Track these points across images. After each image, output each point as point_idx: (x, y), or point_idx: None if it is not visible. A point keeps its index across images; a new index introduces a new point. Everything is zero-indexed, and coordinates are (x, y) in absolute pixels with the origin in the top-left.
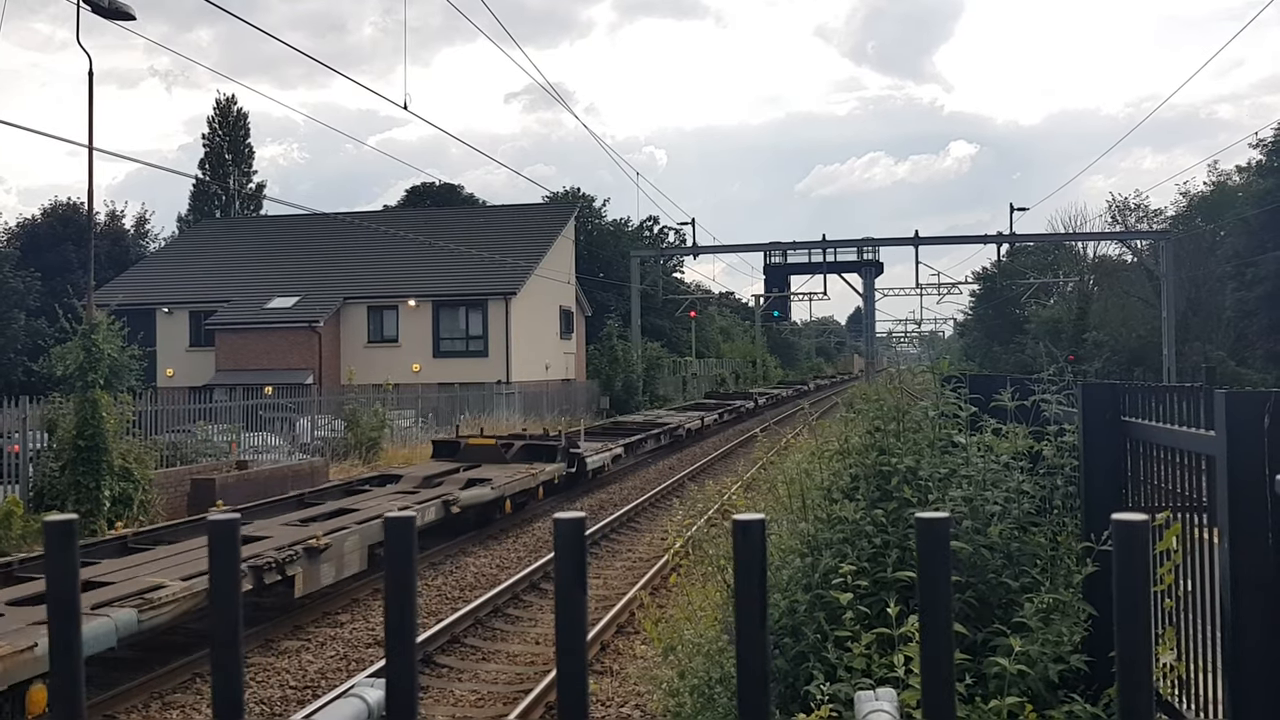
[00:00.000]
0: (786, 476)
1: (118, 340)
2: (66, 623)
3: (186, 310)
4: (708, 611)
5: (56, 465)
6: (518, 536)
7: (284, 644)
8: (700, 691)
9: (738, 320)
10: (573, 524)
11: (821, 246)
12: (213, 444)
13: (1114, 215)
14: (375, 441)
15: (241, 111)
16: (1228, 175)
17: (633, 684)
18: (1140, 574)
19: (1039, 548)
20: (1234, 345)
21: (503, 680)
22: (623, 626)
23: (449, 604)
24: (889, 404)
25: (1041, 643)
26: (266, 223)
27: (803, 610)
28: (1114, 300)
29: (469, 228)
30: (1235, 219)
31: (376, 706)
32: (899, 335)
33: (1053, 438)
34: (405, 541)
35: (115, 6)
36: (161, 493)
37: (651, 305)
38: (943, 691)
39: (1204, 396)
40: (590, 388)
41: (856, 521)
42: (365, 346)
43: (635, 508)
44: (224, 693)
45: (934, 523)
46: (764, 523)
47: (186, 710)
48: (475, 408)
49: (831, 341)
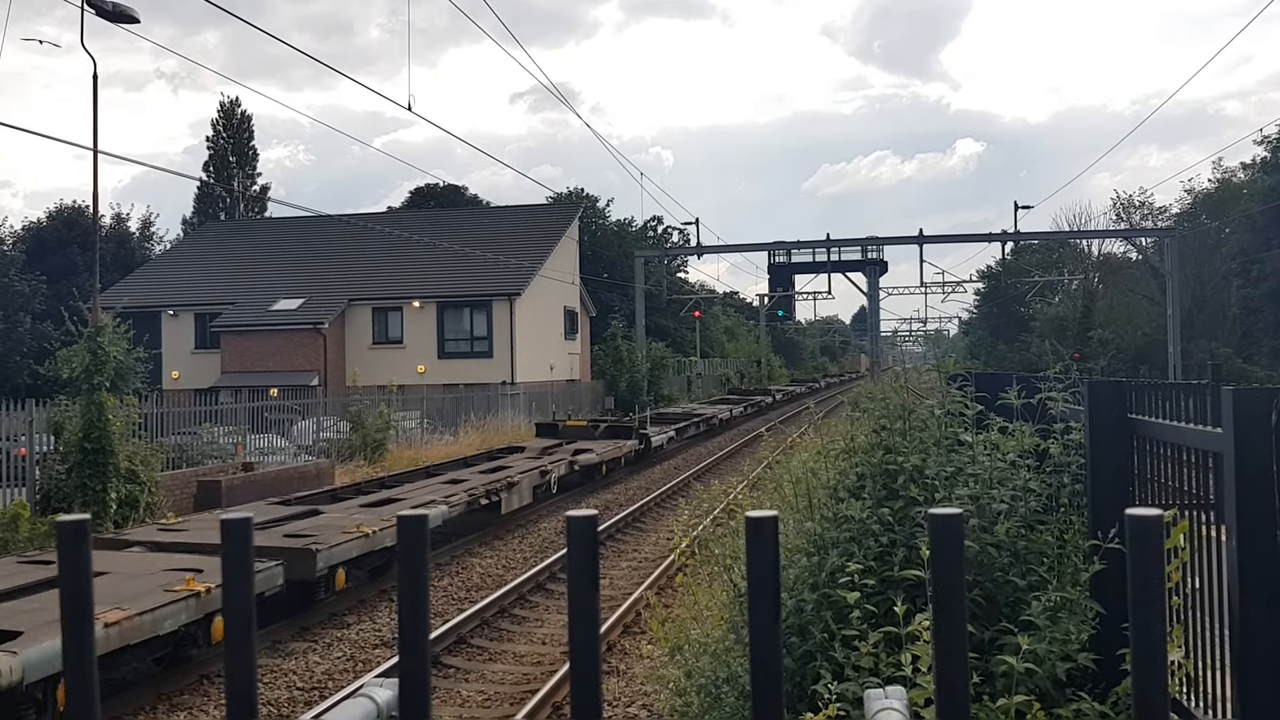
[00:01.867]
0: (793, 476)
1: (123, 343)
2: (80, 621)
3: (191, 312)
4: (714, 611)
5: (63, 468)
6: (523, 537)
7: (291, 645)
8: (707, 691)
9: (742, 320)
10: (584, 522)
11: (826, 245)
12: (218, 446)
13: (1118, 213)
14: (381, 443)
15: (245, 114)
16: (1232, 172)
17: (639, 683)
18: (1155, 569)
19: (1046, 546)
20: (1240, 342)
21: (509, 681)
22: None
23: (455, 605)
24: (895, 402)
25: (1049, 641)
26: (271, 225)
27: (809, 609)
28: (1119, 298)
29: (473, 229)
30: (1240, 216)
31: (385, 707)
32: (904, 334)
33: (1059, 436)
34: (419, 540)
35: (119, 9)
36: (168, 495)
37: (656, 305)
38: (956, 689)
39: (1211, 393)
40: (595, 388)
41: (863, 520)
42: (370, 348)
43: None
44: (237, 692)
45: (947, 519)
46: (776, 519)
47: (194, 711)
48: (480, 409)
49: (836, 341)
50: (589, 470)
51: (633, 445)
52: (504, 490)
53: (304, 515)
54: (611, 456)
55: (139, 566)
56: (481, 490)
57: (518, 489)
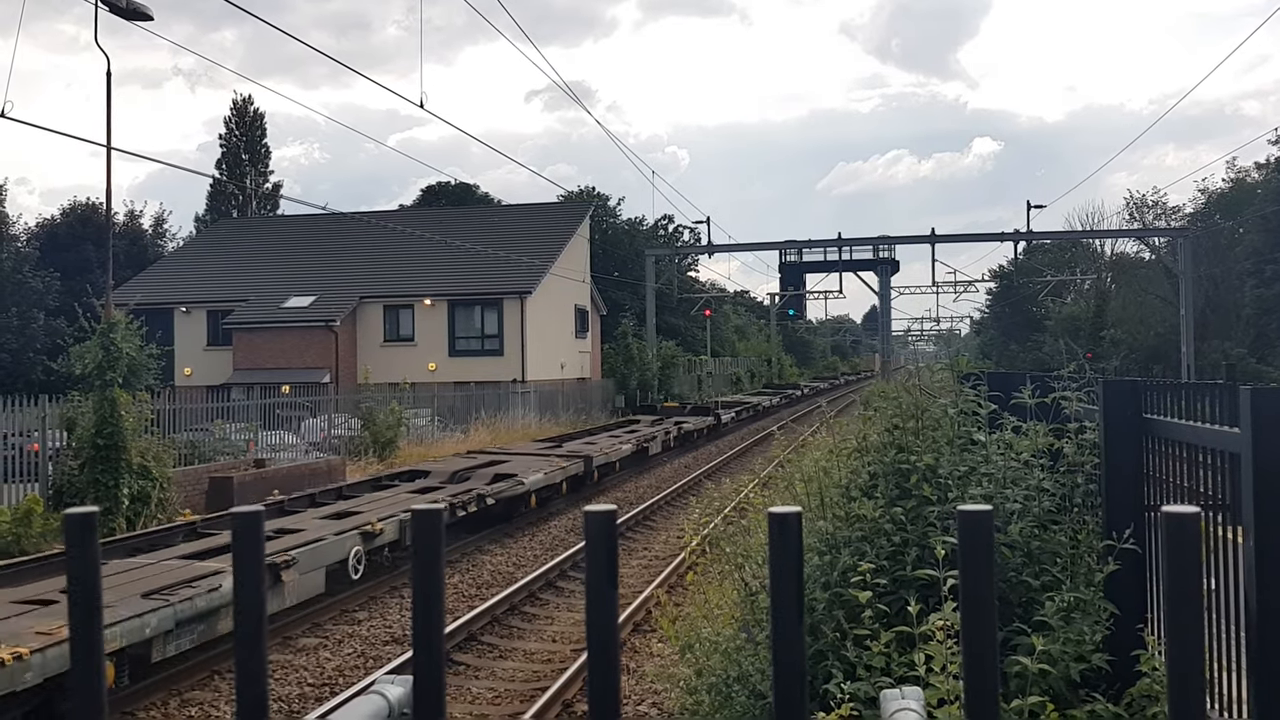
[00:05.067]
0: (804, 474)
1: (136, 339)
2: (87, 616)
3: (204, 309)
4: (725, 609)
5: (75, 464)
6: (534, 535)
7: (301, 641)
8: (718, 690)
9: (753, 319)
10: (603, 517)
11: (837, 245)
12: (230, 442)
13: (1132, 212)
14: (391, 440)
15: (258, 111)
16: (1247, 171)
17: (649, 682)
18: (1192, 569)
19: (1059, 546)
20: (1253, 342)
21: (520, 678)
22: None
23: (465, 602)
24: (907, 401)
25: (1063, 641)
26: (283, 222)
27: (821, 608)
28: (1132, 298)
29: (484, 227)
30: (1254, 215)
31: (397, 704)
32: (915, 333)
33: (1073, 435)
34: (433, 535)
35: (133, 7)
36: (180, 491)
37: (666, 304)
38: (985, 687)
39: (1228, 393)
40: (605, 386)
41: (875, 519)
42: (381, 345)
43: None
44: (248, 690)
45: (977, 515)
46: (800, 515)
47: (205, 707)
48: (491, 406)
49: (847, 340)
50: (686, 435)
51: (710, 421)
52: (648, 442)
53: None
54: (699, 427)
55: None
56: (649, 436)
57: (655, 441)
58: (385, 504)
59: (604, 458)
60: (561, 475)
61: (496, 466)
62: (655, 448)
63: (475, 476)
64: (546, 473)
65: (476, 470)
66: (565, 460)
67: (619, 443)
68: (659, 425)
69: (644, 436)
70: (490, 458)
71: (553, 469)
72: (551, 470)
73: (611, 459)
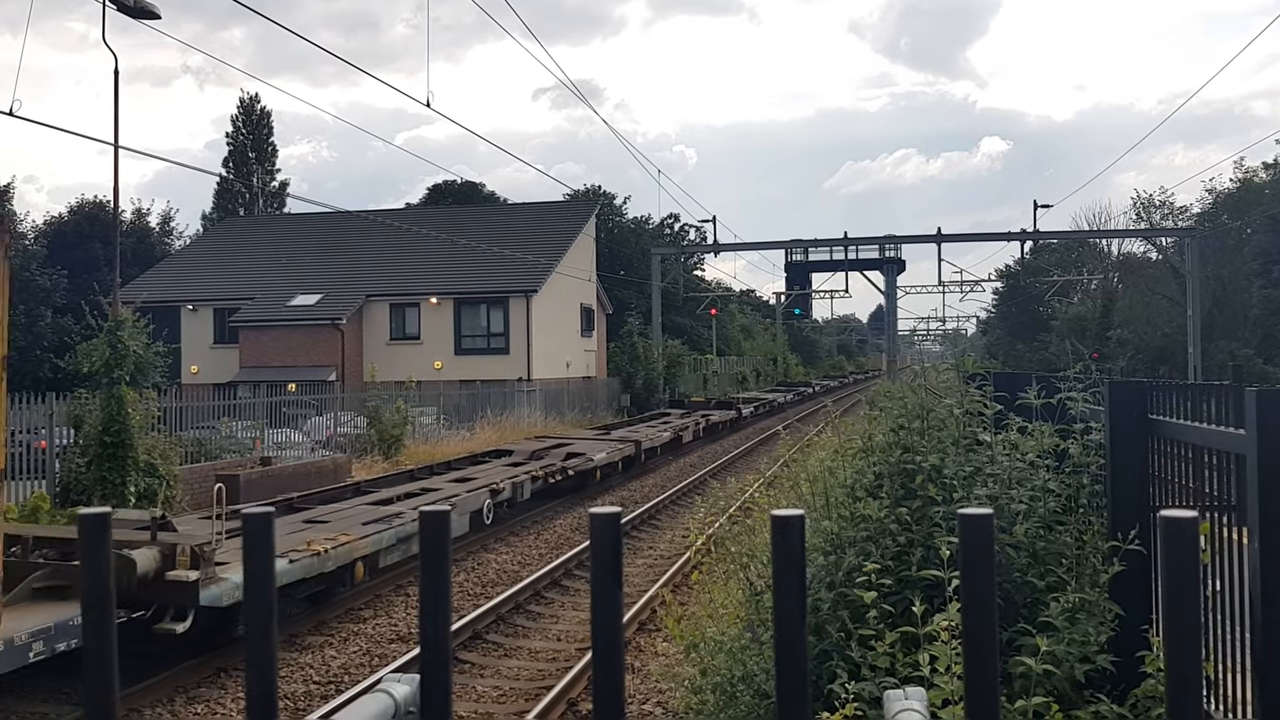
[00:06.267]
0: (809, 474)
1: (143, 337)
2: (101, 613)
3: (211, 307)
4: (729, 609)
5: (82, 461)
6: (539, 534)
7: (307, 639)
8: (722, 689)
9: (759, 318)
10: (607, 519)
11: (843, 244)
12: (237, 440)
13: (1139, 212)
14: (397, 439)
15: (265, 110)
16: (1254, 171)
17: (654, 681)
18: (1190, 573)
19: (1065, 547)
20: (1261, 343)
21: (524, 677)
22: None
23: (471, 600)
24: (913, 401)
25: (1067, 642)
26: (289, 220)
27: (826, 608)
28: (1138, 298)
29: (490, 225)
30: (1262, 216)
31: (404, 702)
32: (921, 333)
33: (1079, 436)
34: (440, 536)
35: (141, 5)
36: (186, 488)
37: (672, 303)
38: (986, 689)
39: (1234, 394)
40: (611, 385)
41: (880, 519)
42: (387, 344)
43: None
44: (257, 684)
45: (977, 518)
46: (803, 518)
47: (211, 704)
48: (496, 405)
49: (853, 339)
50: (713, 426)
51: (733, 415)
52: (682, 431)
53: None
54: (723, 419)
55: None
56: (683, 426)
57: (688, 430)
58: (493, 472)
59: (650, 442)
60: (620, 455)
61: (565, 448)
62: (688, 436)
63: (550, 455)
64: (608, 453)
65: (550, 450)
66: (620, 443)
67: (658, 431)
68: (689, 417)
69: (678, 426)
70: (556, 441)
71: (612, 450)
72: (611, 451)
73: (655, 444)
